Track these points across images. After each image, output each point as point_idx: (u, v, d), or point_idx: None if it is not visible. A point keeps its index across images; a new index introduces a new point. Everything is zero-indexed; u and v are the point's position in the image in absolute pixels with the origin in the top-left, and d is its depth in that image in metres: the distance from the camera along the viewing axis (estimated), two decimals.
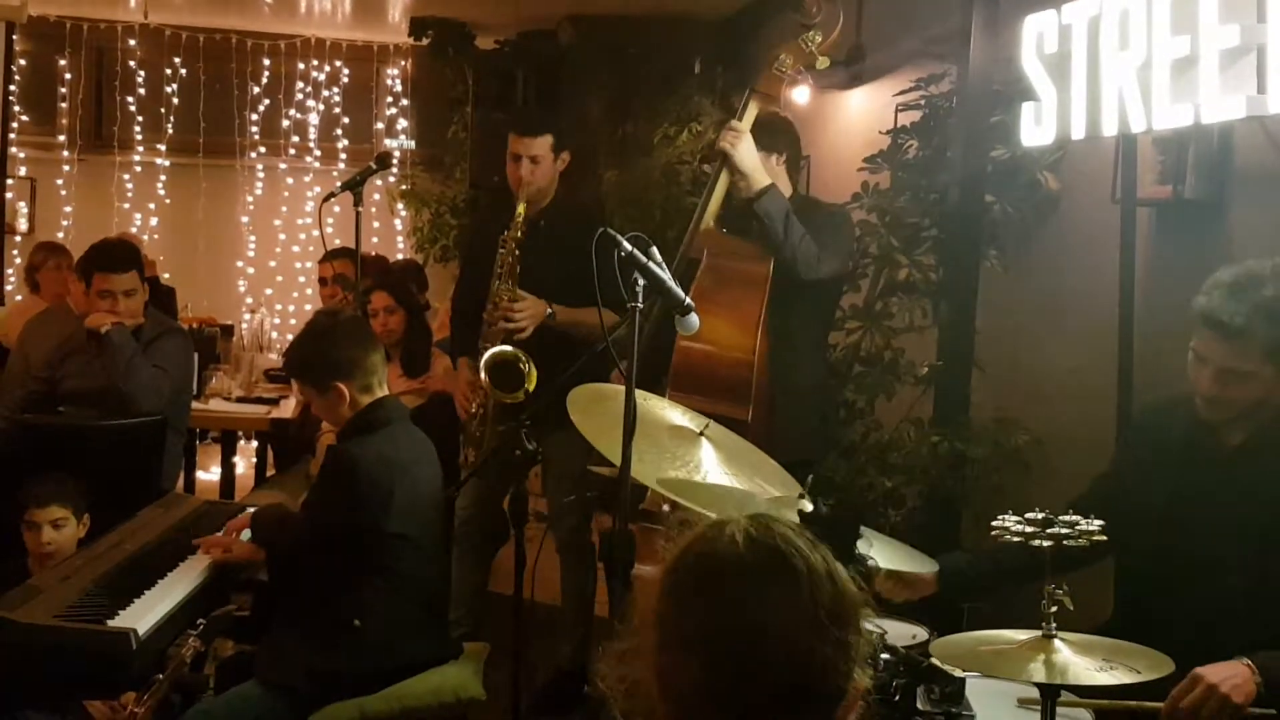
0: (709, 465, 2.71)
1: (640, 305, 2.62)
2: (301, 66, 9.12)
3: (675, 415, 2.92)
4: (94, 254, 4.78)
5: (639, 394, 2.61)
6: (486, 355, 4.16)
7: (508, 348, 4.15)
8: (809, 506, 2.60)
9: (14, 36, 8.50)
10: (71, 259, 6.20)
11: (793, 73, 3.81)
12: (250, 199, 9.27)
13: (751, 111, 3.80)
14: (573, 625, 4.58)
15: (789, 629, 1.31)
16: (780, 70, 3.79)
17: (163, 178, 9.12)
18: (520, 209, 4.24)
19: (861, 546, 2.76)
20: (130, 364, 4.55)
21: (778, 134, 3.94)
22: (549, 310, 4.25)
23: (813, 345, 3.99)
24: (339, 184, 4.51)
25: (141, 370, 4.58)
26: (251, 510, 3.80)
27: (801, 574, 1.34)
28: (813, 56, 3.79)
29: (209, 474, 6.92)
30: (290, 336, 4.17)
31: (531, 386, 4.08)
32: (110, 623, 2.92)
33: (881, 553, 2.87)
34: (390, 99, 9.26)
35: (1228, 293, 2.61)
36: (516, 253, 4.24)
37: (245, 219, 9.27)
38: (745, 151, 3.73)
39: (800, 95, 5.63)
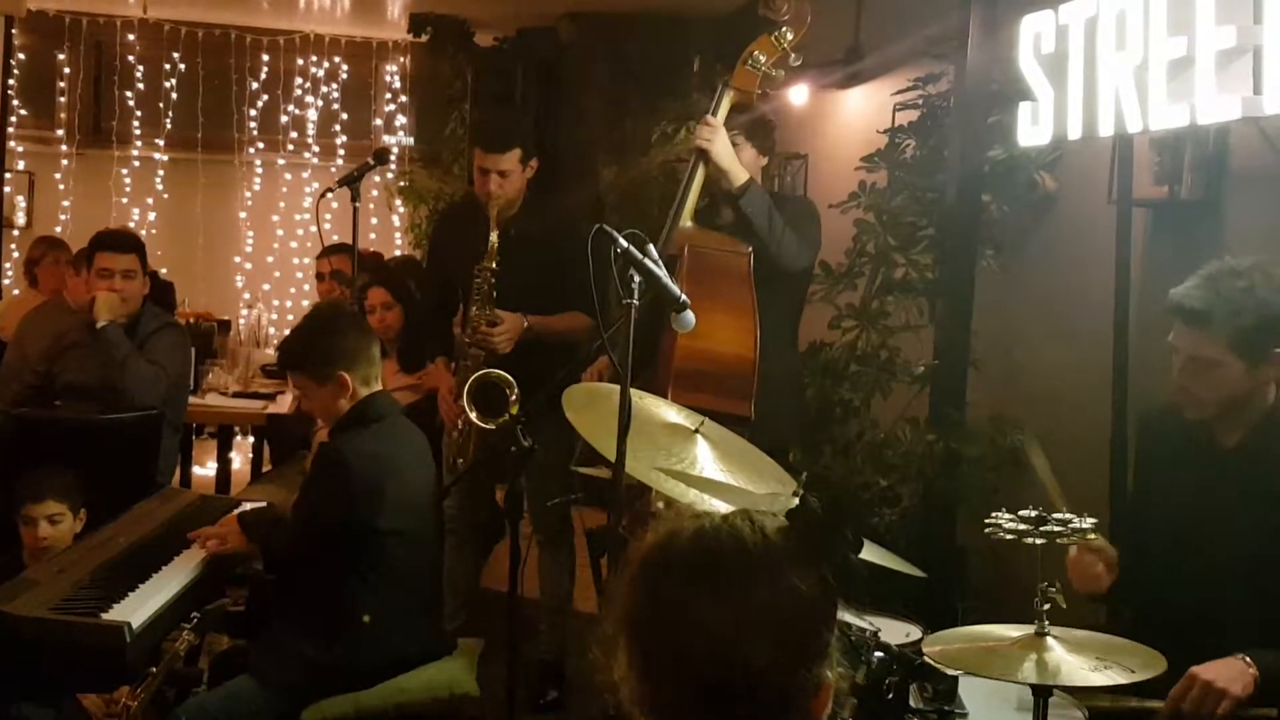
0: (704, 462, 2.71)
1: (636, 302, 2.62)
2: (300, 62, 9.11)
3: (670, 413, 2.92)
4: (96, 237, 4.85)
5: (633, 392, 2.61)
6: (470, 379, 4.01)
7: (495, 371, 4.02)
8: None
9: (13, 30, 8.49)
10: (70, 253, 6.21)
11: (767, 69, 3.81)
12: (248, 194, 9.27)
13: (725, 107, 3.80)
14: (553, 618, 4.57)
15: (716, 620, 1.32)
16: (754, 67, 3.79)
17: (161, 173, 9.12)
18: (493, 237, 4.18)
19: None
20: (125, 361, 4.56)
21: (766, 134, 4.00)
22: (525, 324, 4.23)
23: (788, 336, 4.04)
24: (337, 180, 4.51)
25: (137, 367, 4.59)
26: (239, 512, 3.78)
27: (737, 574, 1.34)
28: (785, 53, 3.80)
29: (205, 469, 6.93)
30: (288, 332, 4.15)
31: (514, 411, 4.03)
32: (105, 616, 2.92)
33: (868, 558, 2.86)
34: (389, 95, 9.26)
35: (1199, 282, 2.64)
36: (492, 280, 4.19)
37: (243, 214, 9.27)
38: (721, 147, 3.74)
39: (798, 94, 5.65)
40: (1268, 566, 2.61)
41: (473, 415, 3.91)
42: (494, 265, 4.20)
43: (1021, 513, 2.38)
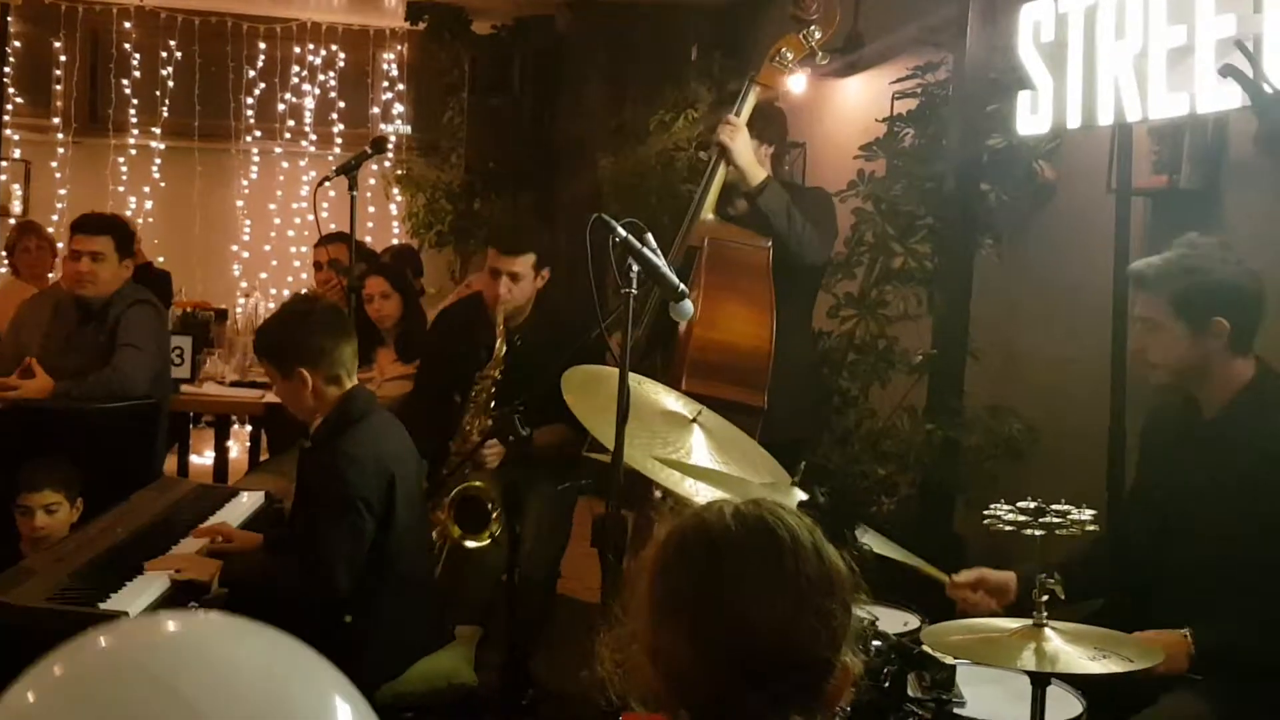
0: (700, 451, 2.71)
1: (634, 291, 2.62)
2: (297, 50, 9.09)
3: (668, 400, 2.92)
4: (74, 220, 4.81)
5: (632, 378, 2.61)
6: (455, 491, 3.83)
7: (478, 483, 3.82)
8: (801, 495, 2.60)
9: (9, 18, 8.48)
10: (39, 236, 6.28)
11: (793, 66, 3.80)
12: (245, 183, 9.24)
13: (750, 103, 3.77)
14: (541, 606, 4.54)
15: (772, 600, 1.35)
16: (781, 64, 3.77)
17: (158, 161, 9.09)
18: (500, 346, 4.05)
19: (858, 535, 2.78)
20: (109, 394, 4.48)
21: (770, 124, 3.93)
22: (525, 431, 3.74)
23: (803, 326, 4.01)
24: (334, 168, 4.49)
25: (122, 359, 4.52)
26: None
27: (786, 547, 1.37)
28: (813, 51, 3.79)
29: (202, 458, 6.92)
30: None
31: (497, 531, 3.74)
32: (103, 606, 2.92)
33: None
34: (386, 84, 9.23)
35: (1163, 254, 2.74)
36: (492, 390, 4.05)
37: (240, 203, 9.24)
38: (742, 145, 3.70)
39: (797, 82, 5.63)
40: (1241, 535, 2.63)
41: (448, 517, 3.78)
42: (497, 375, 4.04)
43: (1020, 504, 2.39)
